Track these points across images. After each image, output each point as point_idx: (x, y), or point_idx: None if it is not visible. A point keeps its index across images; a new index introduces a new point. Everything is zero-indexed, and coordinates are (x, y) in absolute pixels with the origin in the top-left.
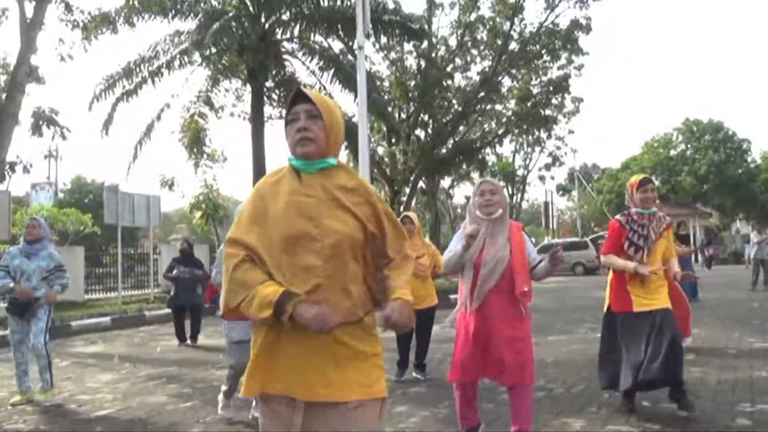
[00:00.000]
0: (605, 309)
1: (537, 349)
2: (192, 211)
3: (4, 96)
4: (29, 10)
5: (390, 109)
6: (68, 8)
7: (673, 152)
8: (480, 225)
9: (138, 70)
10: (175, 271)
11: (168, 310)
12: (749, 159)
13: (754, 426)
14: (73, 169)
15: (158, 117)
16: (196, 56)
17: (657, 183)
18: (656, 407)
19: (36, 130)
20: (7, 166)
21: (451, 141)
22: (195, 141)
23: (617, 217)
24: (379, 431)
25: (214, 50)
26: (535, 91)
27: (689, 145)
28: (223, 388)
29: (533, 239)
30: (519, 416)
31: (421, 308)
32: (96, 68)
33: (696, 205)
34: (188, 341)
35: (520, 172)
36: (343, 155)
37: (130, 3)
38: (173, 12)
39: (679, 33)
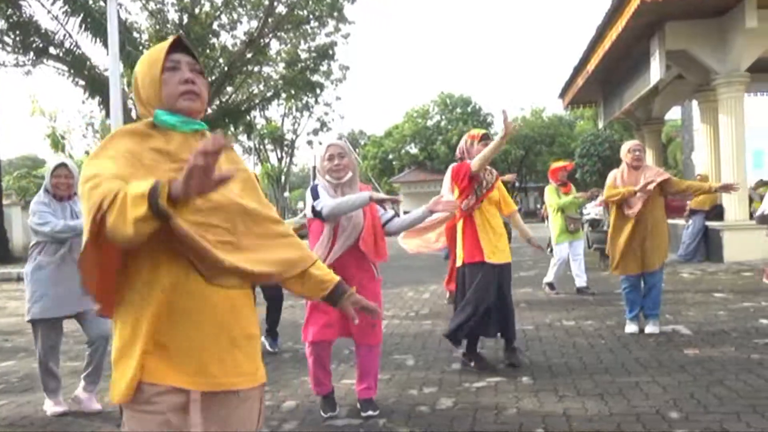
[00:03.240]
0: (459, 263)
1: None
2: None
3: None
4: None
5: None
6: None
7: (429, 122)
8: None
9: None
10: None
11: None
12: (492, 131)
13: (463, 369)
14: None
15: None
16: None
17: (415, 150)
18: (388, 359)
19: None
20: None
21: (217, 101)
22: None
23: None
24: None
25: None
26: (303, 56)
27: (443, 117)
28: (46, 393)
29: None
30: (367, 374)
31: None
32: None
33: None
34: None
35: (288, 137)
36: (97, 111)
37: None
38: None
39: (439, 13)
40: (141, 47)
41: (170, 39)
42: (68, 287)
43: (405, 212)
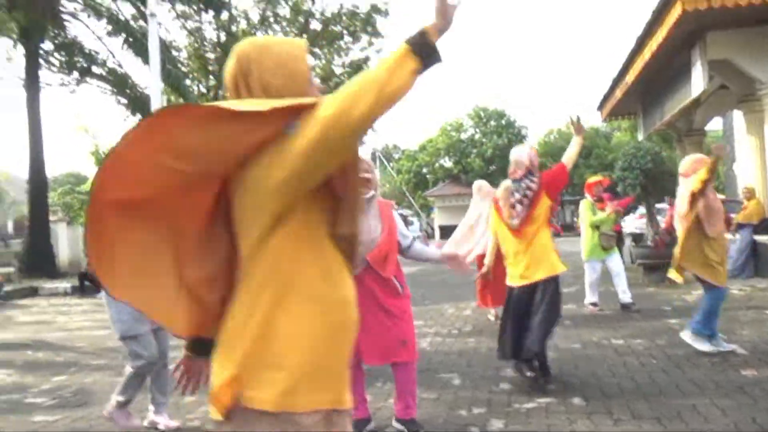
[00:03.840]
0: (549, 276)
1: None
2: None
3: None
4: None
5: (188, 82)
6: None
7: (464, 135)
8: None
9: None
10: None
11: None
12: (527, 143)
13: (512, 389)
14: None
15: None
16: None
17: (450, 164)
18: (434, 377)
19: None
20: None
21: None
22: None
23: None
24: None
25: None
26: (337, 71)
27: (477, 130)
28: (119, 398)
29: None
30: (403, 393)
31: None
32: None
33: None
34: None
35: None
36: None
37: None
38: None
39: (473, 26)
40: (180, 65)
41: (304, 41)
42: None
43: (439, 227)
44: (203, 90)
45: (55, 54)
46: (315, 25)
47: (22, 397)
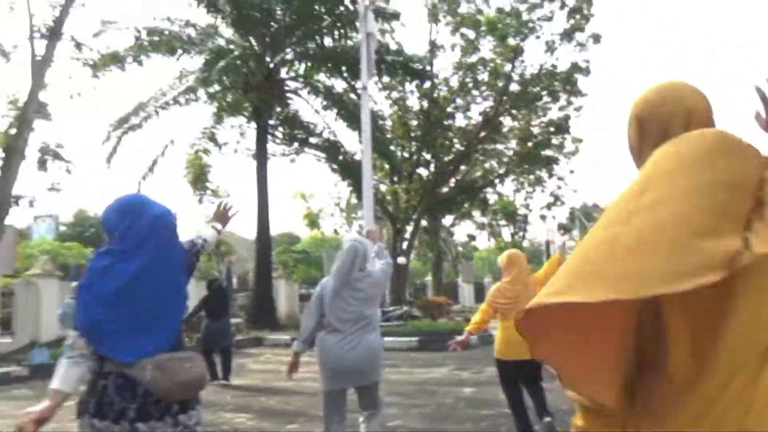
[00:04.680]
0: None
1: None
2: None
3: (12, 131)
4: (40, 47)
5: (392, 147)
6: (78, 47)
7: None
8: None
9: (146, 108)
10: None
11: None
12: None
13: None
14: (74, 202)
15: (162, 153)
16: (201, 93)
17: None
18: None
19: (42, 165)
20: (13, 200)
21: (453, 180)
22: (198, 177)
23: None
24: None
25: (218, 88)
26: (535, 131)
27: None
28: None
29: None
30: None
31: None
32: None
33: None
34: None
35: (521, 211)
36: (346, 193)
37: (140, 43)
38: (181, 51)
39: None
40: (385, 131)
41: None
42: None
43: None
44: (405, 155)
45: (279, 128)
46: (514, 87)
47: None
